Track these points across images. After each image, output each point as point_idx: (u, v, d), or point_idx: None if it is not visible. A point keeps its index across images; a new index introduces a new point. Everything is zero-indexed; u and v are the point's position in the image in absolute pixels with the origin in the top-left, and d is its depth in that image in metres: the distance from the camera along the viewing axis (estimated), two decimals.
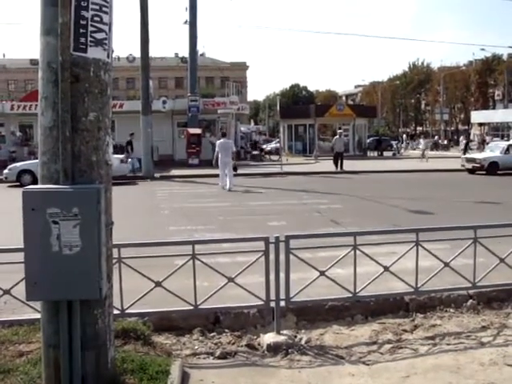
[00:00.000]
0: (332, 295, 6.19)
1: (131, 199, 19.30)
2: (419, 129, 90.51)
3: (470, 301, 6.75)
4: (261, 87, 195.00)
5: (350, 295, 6.01)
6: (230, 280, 5.77)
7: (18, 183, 23.02)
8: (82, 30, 3.85)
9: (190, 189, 21.97)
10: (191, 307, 5.75)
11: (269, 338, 5.74)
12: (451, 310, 6.61)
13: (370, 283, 6.06)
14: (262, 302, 5.83)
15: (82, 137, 3.94)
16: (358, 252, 5.95)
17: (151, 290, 5.70)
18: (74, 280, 3.83)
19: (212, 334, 6.03)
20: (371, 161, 37.48)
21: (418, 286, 6.15)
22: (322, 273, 5.93)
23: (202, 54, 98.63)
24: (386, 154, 45.45)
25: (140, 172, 26.72)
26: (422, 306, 6.63)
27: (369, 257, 6.05)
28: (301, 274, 6.13)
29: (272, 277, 5.76)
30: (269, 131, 79.89)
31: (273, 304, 5.83)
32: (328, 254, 6.20)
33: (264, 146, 49.91)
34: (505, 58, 73.57)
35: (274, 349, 5.57)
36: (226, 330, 6.11)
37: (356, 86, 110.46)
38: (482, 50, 75.32)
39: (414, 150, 58.31)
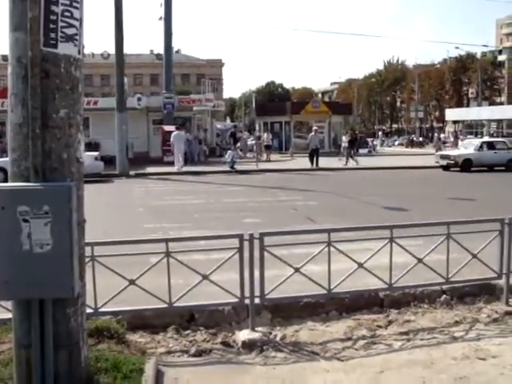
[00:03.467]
0: (307, 292, 6.20)
1: (106, 197, 19.14)
2: (395, 126, 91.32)
3: (444, 296, 6.82)
4: (237, 84, 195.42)
5: (325, 292, 6.04)
6: (205, 277, 5.76)
7: None
8: (52, 26, 3.79)
9: (165, 186, 21.88)
10: (165, 305, 5.72)
11: (244, 335, 5.74)
12: (425, 306, 6.67)
13: (344, 280, 6.09)
14: (237, 300, 5.83)
15: (53, 134, 3.88)
16: (332, 249, 5.98)
17: (125, 288, 5.65)
18: (46, 279, 3.78)
19: (187, 332, 6.00)
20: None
21: (392, 282, 6.20)
22: (297, 269, 5.94)
23: (177, 51, 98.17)
24: (361, 151, 45.69)
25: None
26: (397, 301, 6.68)
27: (343, 253, 6.08)
28: (276, 270, 6.14)
29: (247, 274, 5.76)
30: (245, 128, 79.76)
31: (247, 301, 5.83)
32: (303, 251, 6.22)
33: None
34: (478, 56, 74.59)
35: (248, 346, 5.57)
36: (201, 328, 6.07)
37: (332, 83, 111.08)
38: (457, 48, 76.23)
39: (390, 147, 58.87)
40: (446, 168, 26.63)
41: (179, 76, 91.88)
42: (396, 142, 64.65)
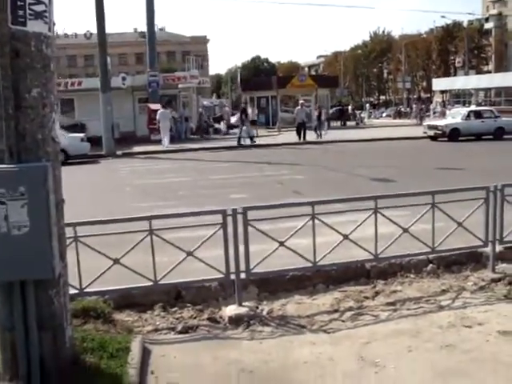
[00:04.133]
0: (293, 265, 6.19)
1: (92, 177, 19.04)
2: (382, 98, 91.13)
3: (430, 265, 6.84)
4: (222, 60, 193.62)
5: (311, 265, 6.03)
6: (189, 254, 5.73)
7: None
8: (19, 3, 3.69)
9: (151, 165, 21.73)
10: (151, 283, 5.70)
11: (230, 310, 5.74)
12: (412, 276, 6.69)
13: (329, 252, 6.08)
14: (222, 275, 5.81)
15: (26, 114, 3.81)
16: (317, 221, 5.96)
17: (109, 267, 5.62)
18: (26, 260, 3.74)
19: (174, 309, 6.00)
20: (334, 131, 37.51)
21: (378, 252, 6.20)
22: (281, 243, 5.92)
23: (161, 29, 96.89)
24: (349, 123, 45.65)
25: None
26: (383, 272, 6.70)
27: (328, 226, 6.06)
28: (261, 245, 6.12)
29: (232, 250, 5.74)
30: (232, 104, 79.36)
31: (233, 276, 5.82)
32: (288, 225, 6.17)
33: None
34: (465, 24, 74.18)
35: (235, 321, 5.58)
36: (188, 305, 6.08)
37: (318, 57, 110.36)
38: (443, 17, 75.93)
39: (378, 119, 58.80)
40: (433, 138, 26.62)
41: (164, 54, 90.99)
42: (384, 114, 64.58)
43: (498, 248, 6.85)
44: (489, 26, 79.10)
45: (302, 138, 28.13)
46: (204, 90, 47.93)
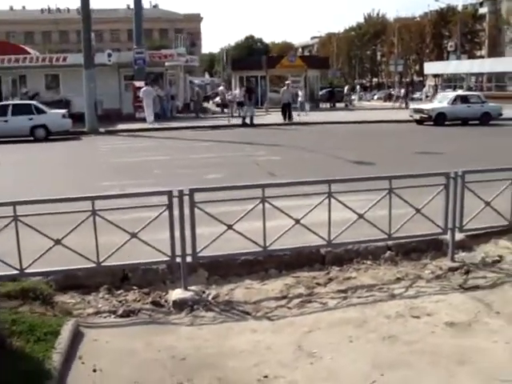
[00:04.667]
0: (245, 250, 5.98)
1: (70, 154, 18.77)
2: (375, 80, 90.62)
3: (388, 252, 6.66)
4: (216, 39, 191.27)
5: (261, 249, 5.83)
6: (133, 236, 5.53)
7: None
8: None
9: (133, 143, 21.43)
10: (94, 265, 5.49)
11: (175, 294, 5.57)
12: (368, 263, 6.51)
13: (280, 237, 5.87)
14: (168, 258, 5.61)
15: None
16: (269, 206, 5.75)
17: (50, 248, 5.42)
18: None
19: (119, 292, 5.82)
20: (323, 112, 37.23)
21: (332, 238, 6.00)
22: (230, 226, 5.72)
23: (155, 6, 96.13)
24: (338, 105, 45.31)
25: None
26: (339, 258, 6.52)
27: (279, 209, 5.86)
28: (212, 228, 5.90)
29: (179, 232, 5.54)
30: (224, 83, 78.67)
31: (179, 259, 5.61)
32: (239, 208, 5.96)
33: (217, 99, 49.22)
34: (459, 9, 73.56)
35: (179, 305, 5.41)
36: (134, 287, 5.88)
37: (312, 38, 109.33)
38: (437, 0, 75.16)
39: (369, 101, 58.46)
40: (419, 122, 26.35)
41: (157, 31, 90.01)
42: (375, 97, 64.19)
43: (459, 236, 6.68)
44: (483, 10, 78.43)
45: (287, 119, 27.82)
46: (195, 68, 47.35)
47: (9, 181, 12.73)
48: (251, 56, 71.78)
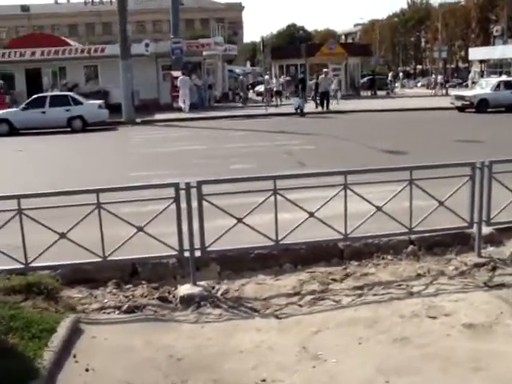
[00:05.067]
0: (258, 244, 5.75)
1: (103, 144, 18.88)
2: (419, 67, 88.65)
3: (411, 247, 6.32)
4: (258, 28, 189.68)
5: (273, 243, 5.59)
6: (140, 230, 5.36)
7: None
8: None
9: (168, 133, 21.40)
10: (100, 259, 5.36)
11: (183, 289, 5.39)
12: (389, 257, 6.18)
13: (293, 230, 5.62)
14: (176, 253, 5.43)
15: None
16: (281, 198, 5.50)
17: (55, 242, 5.30)
18: None
19: (128, 287, 5.66)
20: (363, 100, 36.51)
21: (348, 232, 5.71)
22: (240, 220, 5.49)
23: None
24: (380, 93, 44.40)
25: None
26: (358, 253, 6.21)
27: (291, 202, 5.60)
28: (222, 221, 5.69)
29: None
30: (265, 72, 78.22)
31: (187, 254, 5.43)
32: (251, 200, 5.70)
33: (257, 88, 48.91)
34: None
35: (186, 301, 5.23)
36: (144, 282, 5.73)
37: (355, 25, 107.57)
38: None
39: (411, 88, 57.19)
40: (461, 109, 25.52)
41: (198, 21, 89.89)
42: (419, 84, 62.76)
43: (487, 230, 6.30)
44: None
45: (325, 108, 27.35)
46: (236, 57, 47.15)
47: (33, 172, 12.84)
48: (293, 44, 71.16)
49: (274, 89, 31.21)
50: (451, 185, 6.03)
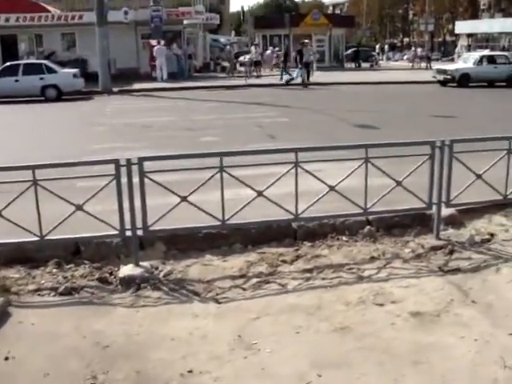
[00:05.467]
0: (203, 223, 5.49)
1: (75, 114, 18.44)
2: (406, 40, 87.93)
3: (368, 227, 6.09)
4: None
5: (219, 223, 5.34)
6: (78, 208, 5.07)
7: None
8: None
9: (142, 103, 20.98)
10: (37, 238, 5.08)
11: (125, 270, 5.14)
12: (344, 239, 5.94)
13: (241, 210, 5.37)
14: (117, 232, 5.16)
15: None
16: (226, 175, 5.24)
17: None
18: None
19: (69, 266, 5.38)
20: (346, 72, 36.09)
21: (299, 212, 5.47)
22: (184, 198, 5.22)
23: None
24: (364, 65, 43.92)
25: None
26: (311, 233, 5.96)
27: (239, 180, 5.34)
28: (167, 199, 5.40)
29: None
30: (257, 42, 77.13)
31: (129, 233, 5.17)
32: (198, 177, 5.42)
33: (241, 58, 48.23)
34: None
35: (127, 283, 4.98)
36: (86, 262, 5.46)
37: None
38: None
39: (396, 61, 56.74)
40: (443, 83, 25.25)
41: None
42: (405, 57, 62.26)
43: (448, 211, 6.09)
44: None
45: (305, 79, 26.94)
46: (223, 26, 46.23)
47: None
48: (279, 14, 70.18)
49: (254, 59, 30.69)
50: (414, 164, 5.79)
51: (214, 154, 5.35)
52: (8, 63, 23.30)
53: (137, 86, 26.56)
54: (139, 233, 5.20)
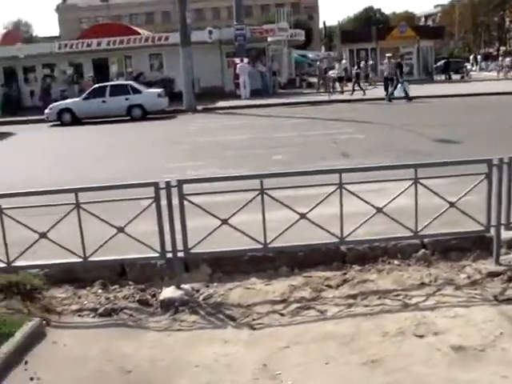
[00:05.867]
0: (244, 246, 5.40)
1: (157, 133, 18.93)
2: (503, 48, 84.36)
3: (422, 251, 5.77)
4: (334, 12, 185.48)
5: (260, 246, 5.23)
6: (120, 230, 5.14)
7: (58, 122, 23.14)
8: None
9: (225, 121, 21.20)
10: (80, 259, 5.19)
11: (166, 293, 5.15)
12: (396, 262, 5.67)
13: (283, 232, 5.23)
14: (157, 254, 5.18)
15: None
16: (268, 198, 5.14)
17: (36, 241, 5.19)
18: None
19: (114, 287, 5.47)
20: (435, 85, 34.95)
21: (344, 235, 5.26)
22: (224, 221, 5.16)
23: None
24: (455, 77, 42.39)
25: None
26: (361, 257, 5.73)
27: (281, 203, 5.21)
28: (207, 221, 5.34)
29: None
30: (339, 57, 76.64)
31: (170, 255, 5.17)
32: (240, 197, 5.33)
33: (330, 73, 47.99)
34: None
35: (166, 306, 5.00)
36: (131, 283, 5.52)
37: (435, 6, 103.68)
38: None
39: (490, 71, 54.40)
40: None
41: (273, 6, 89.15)
42: (491, 67, 59.62)
43: (509, 234, 5.66)
44: None
45: (387, 94, 26.31)
46: (312, 42, 46.09)
47: (75, 162, 13.04)
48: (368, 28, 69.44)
49: (336, 76, 30.41)
50: (472, 182, 5.43)
51: (253, 176, 5.28)
52: (96, 85, 24.44)
53: (221, 103, 27.00)
54: (180, 255, 5.19)
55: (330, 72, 31.80)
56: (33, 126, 23.70)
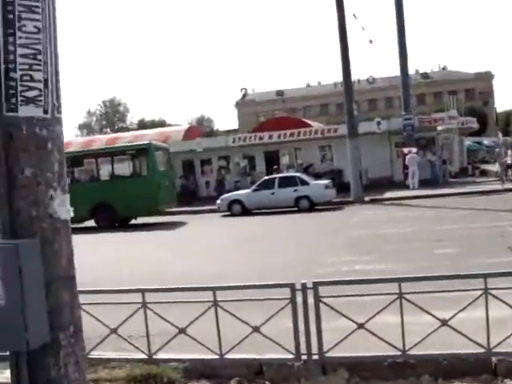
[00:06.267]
0: (380, 352, 5.27)
1: (320, 225, 19.24)
2: None
3: None
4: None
5: (399, 353, 5.07)
6: (255, 330, 5.32)
7: (229, 213, 24.52)
8: (11, 91, 3.91)
9: (391, 212, 20.97)
10: (217, 356, 5.42)
11: None
12: None
13: (423, 340, 5.03)
14: (292, 356, 5.24)
15: (19, 193, 3.98)
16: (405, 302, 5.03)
17: (174, 337, 5.52)
18: (1, 333, 3.87)
19: None
20: None
21: (492, 345, 4.93)
22: (361, 325, 5.11)
23: (443, 68, 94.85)
24: None
25: None
26: None
27: (418, 307, 5.05)
28: (342, 323, 5.33)
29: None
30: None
31: (305, 357, 5.21)
32: (377, 299, 5.28)
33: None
34: None
35: None
36: (267, 382, 5.61)
37: None
38: None
39: None
40: None
41: (446, 93, 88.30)
42: None
43: None
44: None
45: None
46: (488, 128, 44.43)
47: (235, 254, 13.64)
48: None
49: (510, 162, 28.89)
50: None
51: (391, 279, 5.20)
52: (265, 178, 25.73)
53: (388, 194, 26.83)
54: (315, 357, 5.20)
55: (506, 159, 30.32)
56: (205, 215, 25.36)
